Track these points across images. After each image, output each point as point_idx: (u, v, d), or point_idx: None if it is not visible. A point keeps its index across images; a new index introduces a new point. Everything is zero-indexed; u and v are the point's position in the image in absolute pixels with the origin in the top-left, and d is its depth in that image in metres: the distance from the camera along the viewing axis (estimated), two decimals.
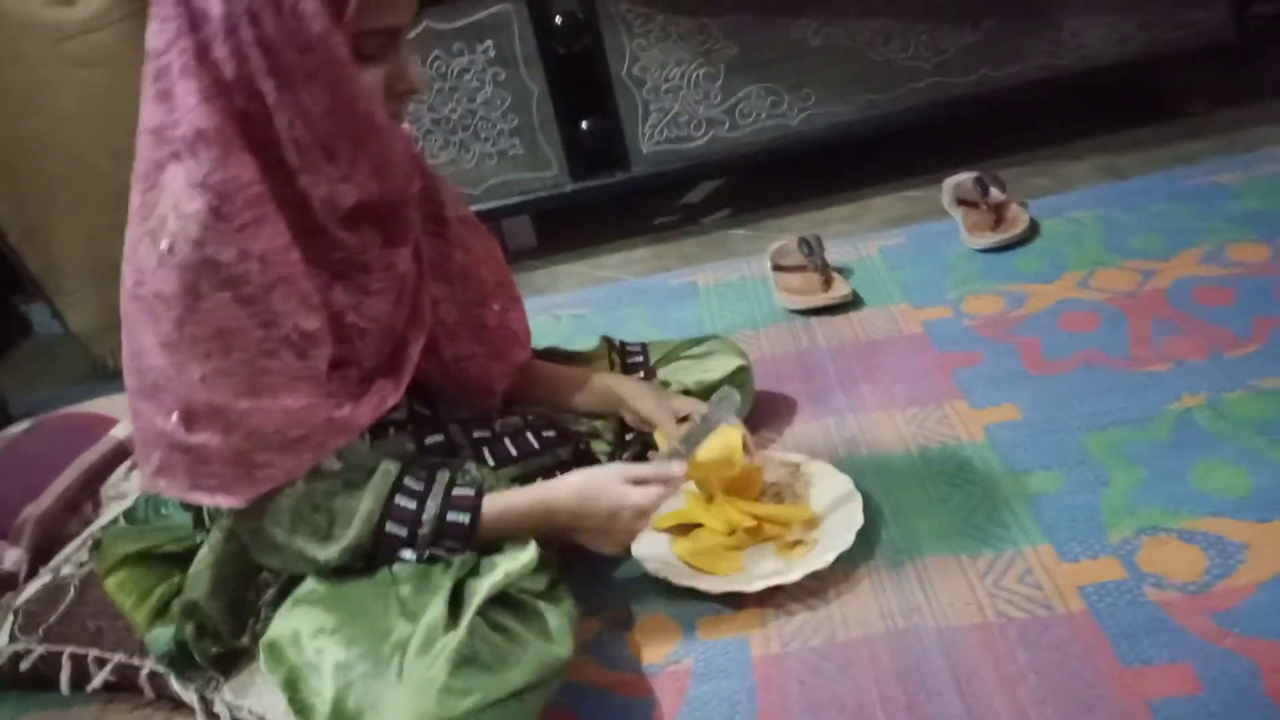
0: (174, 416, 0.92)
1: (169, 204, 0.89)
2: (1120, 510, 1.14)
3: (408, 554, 1.00)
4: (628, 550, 1.13)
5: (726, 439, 1.17)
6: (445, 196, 1.15)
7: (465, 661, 0.89)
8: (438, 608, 0.94)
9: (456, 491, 1.02)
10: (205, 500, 0.96)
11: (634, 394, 1.24)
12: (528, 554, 1.00)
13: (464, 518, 1.00)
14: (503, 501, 1.04)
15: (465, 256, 1.16)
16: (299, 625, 0.96)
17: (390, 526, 0.99)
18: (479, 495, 1.03)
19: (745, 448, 1.18)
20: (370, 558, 1.00)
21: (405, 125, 1.11)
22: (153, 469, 0.97)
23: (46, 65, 1.97)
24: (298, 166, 0.92)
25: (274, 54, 0.86)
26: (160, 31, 0.88)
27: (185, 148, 0.88)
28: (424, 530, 0.99)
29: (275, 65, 0.87)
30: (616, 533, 1.06)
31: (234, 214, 0.89)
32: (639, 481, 1.05)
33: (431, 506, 1.00)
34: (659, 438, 1.20)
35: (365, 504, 0.98)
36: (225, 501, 0.95)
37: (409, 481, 1.01)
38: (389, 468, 1.01)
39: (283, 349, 0.92)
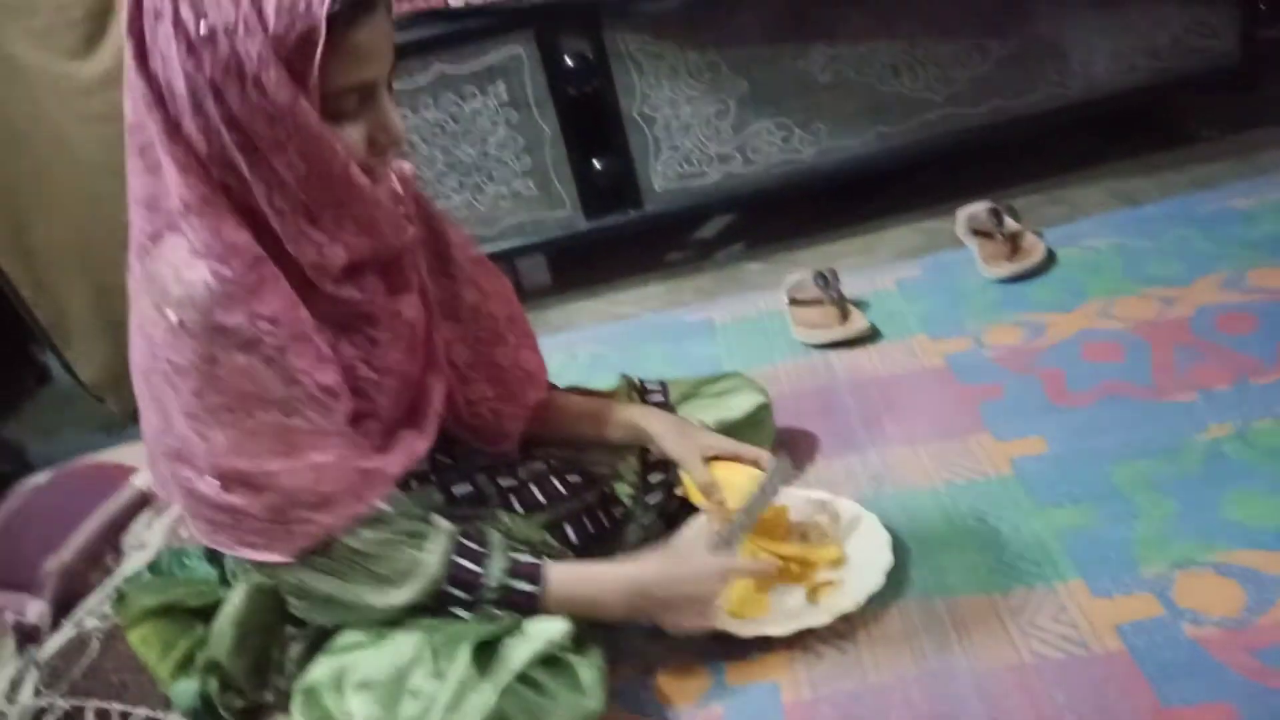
0: (209, 479, 0.92)
1: (171, 276, 0.89)
2: (1152, 544, 1.13)
3: (464, 614, 0.99)
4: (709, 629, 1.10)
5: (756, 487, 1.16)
6: (451, 235, 1.15)
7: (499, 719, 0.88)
8: (463, 664, 0.93)
9: (517, 556, 1.01)
10: (253, 555, 0.95)
11: (659, 430, 1.21)
12: (564, 623, 0.99)
13: (529, 586, 1.00)
14: (575, 574, 1.04)
15: (474, 294, 1.16)
16: (340, 669, 0.96)
17: (450, 588, 0.98)
18: (540, 562, 1.02)
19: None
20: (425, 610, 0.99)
21: (405, 165, 1.10)
22: (201, 527, 0.97)
23: (67, 120, 1.99)
24: (282, 234, 0.91)
25: (241, 128, 0.85)
26: (133, 107, 0.88)
27: (179, 218, 0.88)
28: (487, 595, 0.99)
29: (244, 139, 0.85)
30: (704, 603, 1.06)
31: (237, 279, 0.89)
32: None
33: (494, 570, 0.99)
34: (686, 482, 1.19)
35: (430, 559, 0.97)
36: (271, 557, 0.95)
37: (467, 542, 1.00)
38: (444, 525, 1.00)
39: (305, 406, 0.92)
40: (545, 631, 0.97)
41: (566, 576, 1.02)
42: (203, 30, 0.82)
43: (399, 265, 1.03)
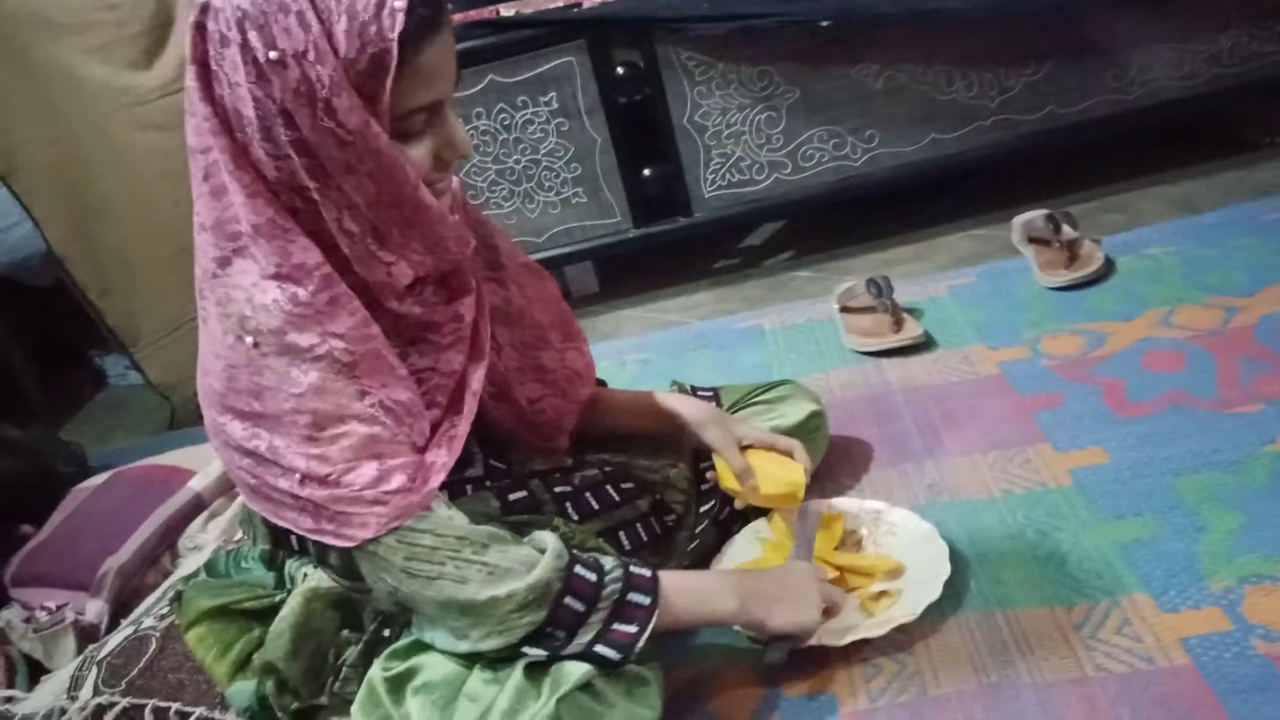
0: (295, 476, 0.91)
1: (244, 299, 0.89)
2: (1220, 557, 1.10)
3: (575, 640, 0.95)
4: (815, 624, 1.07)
5: (790, 475, 1.17)
6: (499, 241, 1.15)
7: None
8: (520, 671, 0.92)
9: (632, 569, 0.98)
10: (328, 540, 0.93)
11: (697, 419, 1.21)
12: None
13: (645, 599, 0.96)
14: (683, 575, 1.06)
15: (521, 298, 1.16)
16: (395, 678, 0.96)
17: (567, 599, 0.94)
18: (655, 573, 0.99)
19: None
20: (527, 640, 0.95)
21: (453, 180, 1.09)
22: (276, 512, 0.95)
23: (123, 129, 2.04)
24: (351, 255, 0.91)
25: (312, 152, 0.85)
26: (197, 130, 0.88)
27: (249, 241, 0.89)
28: (602, 604, 0.95)
29: (315, 164, 0.86)
30: (809, 596, 1.05)
31: (309, 299, 0.89)
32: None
33: (611, 582, 0.96)
34: (720, 467, 1.19)
35: (548, 557, 0.94)
36: (343, 543, 0.93)
37: (582, 556, 0.98)
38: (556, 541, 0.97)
39: (377, 422, 0.91)
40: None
41: (677, 585, 1.00)
42: (273, 56, 0.82)
43: (459, 271, 1.03)
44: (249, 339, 0.89)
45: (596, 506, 1.16)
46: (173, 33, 2.06)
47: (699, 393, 1.37)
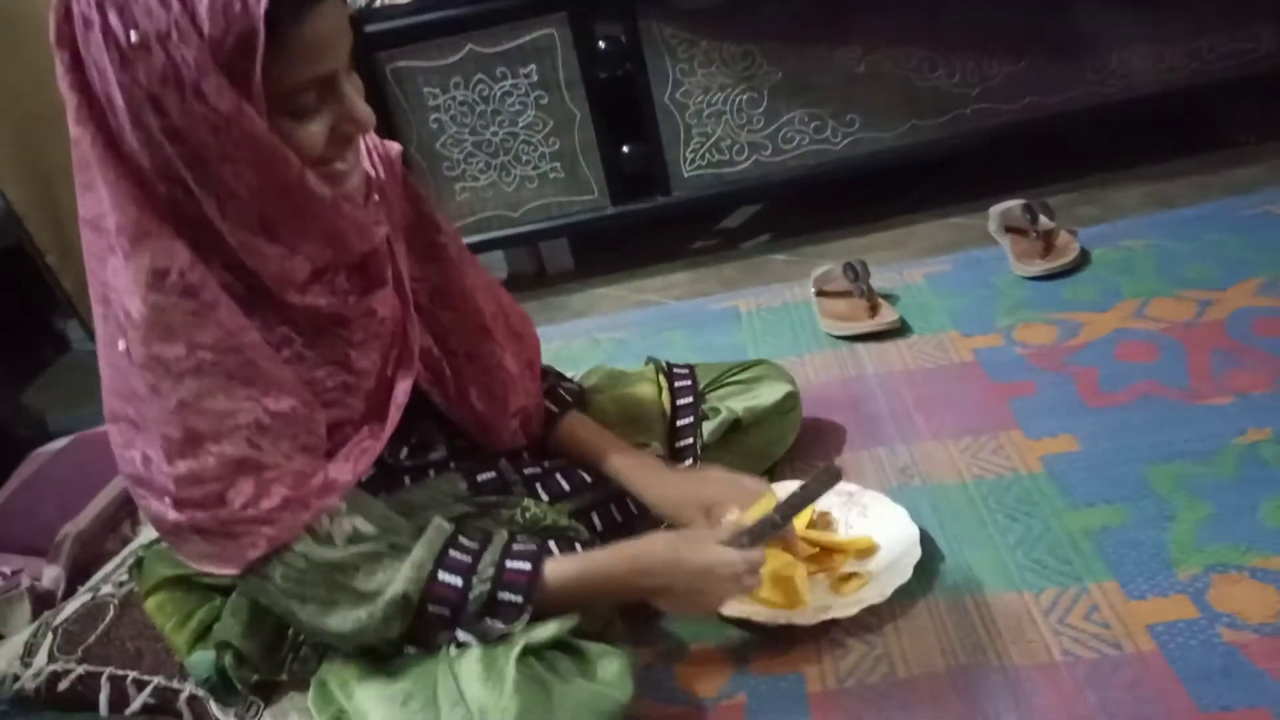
0: (165, 500, 0.88)
1: (117, 301, 0.85)
2: (1188, 546, 1.11)
3: (460, 635, 0.94)
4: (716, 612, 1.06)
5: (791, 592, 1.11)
6: (440, 222, 1.09)
7: (523, 713, 0.86)
8: (473, 658, 0.91)
9: (510, 563, 0.95)
10: (210, 568, 0.90)
11: (658, 495, 1.13)
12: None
13: (515, 597, 0.93)
14: (575, 567, 0.98)
15: (462, 280, 1.10)
16: (347, 676, 0.94)
17: (432, 608, 0.92)
18: (536, 569, 0.95)
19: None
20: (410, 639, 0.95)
21: (393, 146, 1.04)
22: (167, 538, 0.93)
23: None
24: (238, 248, 0.86)
25: (184, 140, 0.80)
26: (75, 119, 0.83)
27: (116, 242, 0.84)
28: (470, 606, 0.93)
29: (189, 151, 0.80)
30: (708, 594, 1.00)
31: (172, 307, 0.84)
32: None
33: (479, 588, 0.93)
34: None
35: (403, 575, 0.91)
36: (224, 570, 0.90)
37: (454, 553, 0.94)
38: (432, 535, 0.94)
39: (252, 434, 0.87)
40: (555, 623, 0.94)
41: (562, 572, 0.96)
42: (134, 39, 0.76)
43: (371, 263, 0.97)
44: (121, 344, 0.85)
45: (567, 488, 1.14)
46: None
47: (674, 370, 1.36)
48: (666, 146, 2.06)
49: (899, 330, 1.67)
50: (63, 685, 1.17)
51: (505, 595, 0.93)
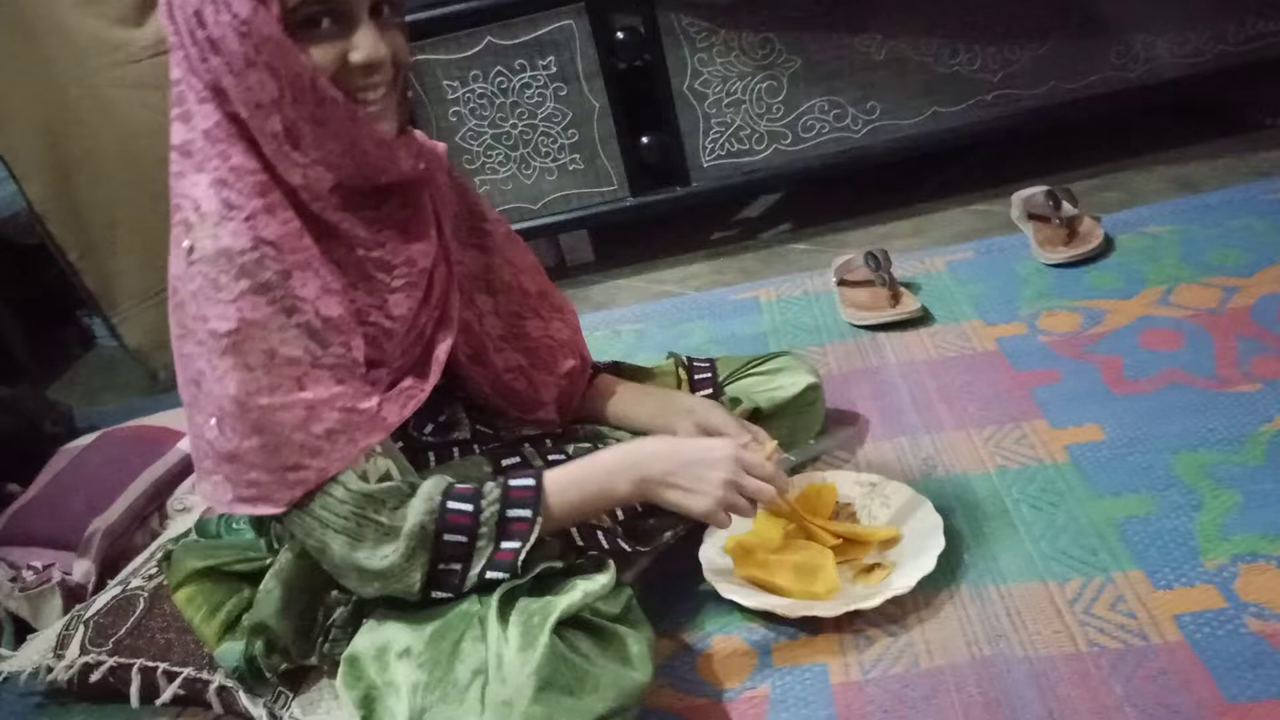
0: (212, 421, 0.92)
1: (190, 207, 0.91)
2: (1215, 536, 1.10)
3: (472, 568, 0.96)
4: (725, 516, 1.02)
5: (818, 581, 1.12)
6: (485, 209, 1.16)
7: (546, 685, 0.87)
8: (512, 628, 0.92)
9: (515, 484, 0.98)
10: (247, 510, 0.94)
11: (703, 405, 1.21)
12: (605, 575, 0.98)
13: (525, 511, 0.96)
14: (575, 468, 1.02)
15: (507, 269, 1.17)
16: (383, 642, 0.95)
17: (447, 536, 0.95)
18: (538, 481, 0.98)
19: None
20: (430, 583, 0.96)
21: (438, 145, 1.09)
22: (205, 482, 0.96)
23: (111, 86, 2.00)
24: (271, 157, 0.92)
25: (220, 49, 0.88)
26: (173, 59, 0.93)
27: (198, 151, 0.92)
28: (483, 529, 0.95)
29: (225, 61, 0.88)
30: (707, 480, 1.00)
31: (243, 203, 0.91)
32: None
33: (489, 509, 0.96)
34: (733, 553, 1.17)
35: (415, 508, 0.94)
36: (265, 509, 0.93)
37: (460, 487, 0.97)
38: (436, 477, 0.97)
39: (304, 337, 0.92)
40: (582, 584, 0.96)
41: (566, 480, 1.00)
42: None
43: (408, 203, 1.02)
44: (186, 242, 0.91)
45: None
46: None
47: (695, 364, 1.36)
48: (686, 136, 2.06)
49: (921, 319, 1.67)
50: (94, 677, 1.19)
51: (514, 511, 0.96)
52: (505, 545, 0.96)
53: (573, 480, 1.01)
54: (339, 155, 0.93)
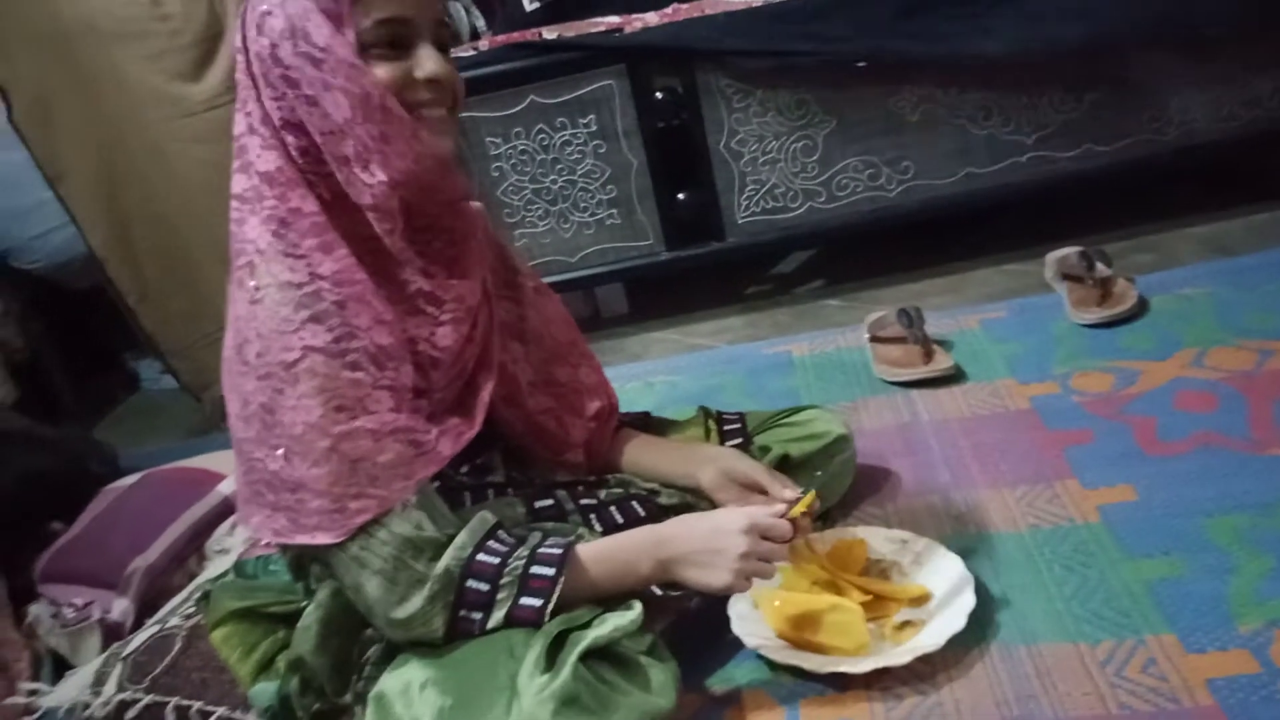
0: (279, 452, 0.96)
1: (252, 250, 0.97)
2: (1249, 600, 1.09)
3: (491, 618, 0.99)
4: (746, 583, 1.05)
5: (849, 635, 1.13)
6: (516, 262, 1.23)
7: (568, 703, 0.90)
8: (537, 649, 0.95)
9: (543, 549, 1.02)
10: (304, 539, 0.97)
11: (728, 454, 1.24)
12: (634, 612, 1.00)
13: (549, 570, 1.00)
14: (602, 543, 1.06)
15: (537, 318, 1.23)
16: (408, 679, 0.97)
17: (470, 583, 0.99)
18: (568, 548, 1.02)
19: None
20: (450, 630, 0.99)
21: (475, 204, 1.15)
22: (257, 515, 1.00)
23: (169, 139, 2.08)
24: (343, 182, 0.98)
25: (296, 82, 0.95)
26: (240, 116, 1.00)
27: (255, 196, 0.98)
28: (505, 579, 0.99)
29: (301, 93, 0.95)
30: (723, 553, 1.03)
31: (299, 241, 0.97)
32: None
33: (515, 562, 1.00)
34: (763, 605, 1.18)
35: (447, 554, 0.98)
36: (323, 538, 0.97)
37: (494, 542, 1.01)
38: (475, 525, 1.01)
39: (364, 361, 0.97)
40: (613, 619, 0.98)
41: (593, 556, 1.03)
42: (264, 8, 0.95)
43: (461, 247, 1.08)
44: (251, 282, 0.97)
45: (621, 521, 1.17)
46: (222, 45, 2.10)
47: (724, 416, 1.38)
48: (721, 193, 2.09)
49: (954, 376, 1.67)
50: (130, 714, 1.21)
51: (537, 569, 1.00)
52: (524, 601, 0.99)
53: (599, 555, 1.04)
54: (403, 173, 0.98)
